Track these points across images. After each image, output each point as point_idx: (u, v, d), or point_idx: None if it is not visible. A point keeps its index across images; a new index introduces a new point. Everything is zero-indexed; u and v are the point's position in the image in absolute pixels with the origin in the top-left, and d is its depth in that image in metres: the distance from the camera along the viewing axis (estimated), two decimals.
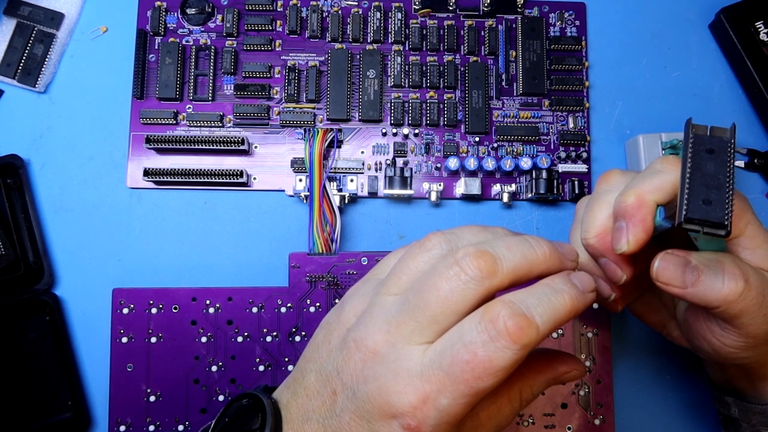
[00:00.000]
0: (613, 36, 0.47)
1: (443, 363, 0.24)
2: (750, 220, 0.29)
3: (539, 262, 0.26)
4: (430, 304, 0.24)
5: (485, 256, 0.24)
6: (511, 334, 0.23)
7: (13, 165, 0.43)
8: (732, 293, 0.27)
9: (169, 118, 0.44)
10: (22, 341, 0.41)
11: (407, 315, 0.25)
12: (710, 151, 0.26)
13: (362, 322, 0.26)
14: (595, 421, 0.41)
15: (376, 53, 0.45)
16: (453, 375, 0.23)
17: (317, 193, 0.42)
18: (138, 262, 0.44)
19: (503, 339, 0.23)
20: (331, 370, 0.26)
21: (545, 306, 0.24)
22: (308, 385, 0.27)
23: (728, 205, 0.25)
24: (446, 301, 0.24)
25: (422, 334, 0.24)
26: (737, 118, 0.47)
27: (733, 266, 0.27)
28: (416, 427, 0.24)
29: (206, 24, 0.45)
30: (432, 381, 0.24)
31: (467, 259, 0.24)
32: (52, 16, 0.45)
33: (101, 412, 0.42)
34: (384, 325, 0.25)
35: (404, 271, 0.27)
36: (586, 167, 0.45)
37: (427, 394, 0.23)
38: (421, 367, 0.24)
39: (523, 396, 0.28)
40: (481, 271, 0.24)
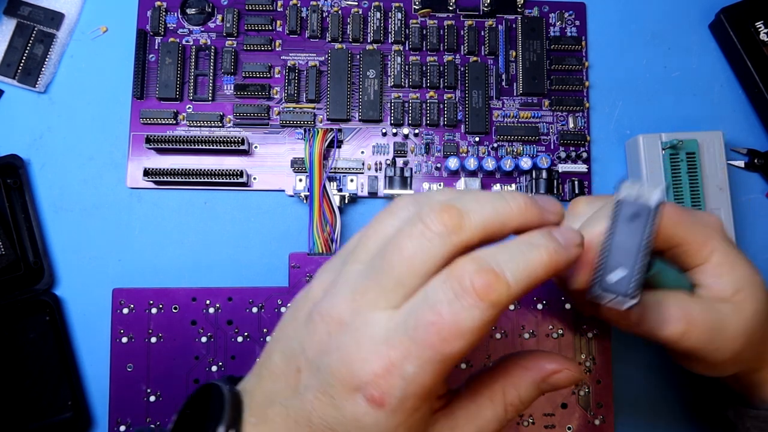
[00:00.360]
0: (613, 36, 0.47)
1: (408, 327, 0.22)
2: (716, 248, 0.29)
3: (513, 216, 0.23)
4: (395, 266, 0.23)
5: (450, 211, 0.23)
6: (478, 291, 0.21)
7: (13, 165, 0.43)
8: (673, 335, 0.28)
9: (169, 118, 0.44)
10: (22, 341, 0.41)
11: (372, 280, 0.23)
12: (634, 216, 0.26)
13: (328, 294, 0.25)
14: (595, 421, 0.41)
15: (376, 53, 0.45)
16: (418, 339, 0.22)
17: (317, 193, 0.42)
18: (138, 262, 0.44)
19: (470, 296, 0.21)
20: (296, 346, 0.25)
21: (518, 261, 0.22)
22: (273, 366, 0.26)
23: (635, 279, 0.25)
24: (411, 260, 0.23)
25: (388, 299, 0.23)
26: (737, 118, 0.47)
27: (676, 309, 0.28)
28: (380, 398, 0.22)
29: (206, 24, 0.46)
30: (397, 347, 0.22)
31: (431, 215, 0.23)
32: (52, 16, 0.45)
33: (101, 412, 0.42)
34: (349, 294, 0.24)
35: (371, 237, 0.25)
36: (586, 167, 0.45)
37: (391, 362, 0.22)
38: (385, 333, 0.22)
39: (507, 397, 0.25)
40: (446, 226, 0.23)
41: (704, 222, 0.29)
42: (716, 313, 0.29)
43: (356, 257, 0.25)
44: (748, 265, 0.29)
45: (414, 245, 0.23)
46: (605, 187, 0.46)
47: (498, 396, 0.25)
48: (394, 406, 0.22)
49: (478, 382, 0.26)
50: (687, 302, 0.29)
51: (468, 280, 0.22)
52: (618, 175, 0.46)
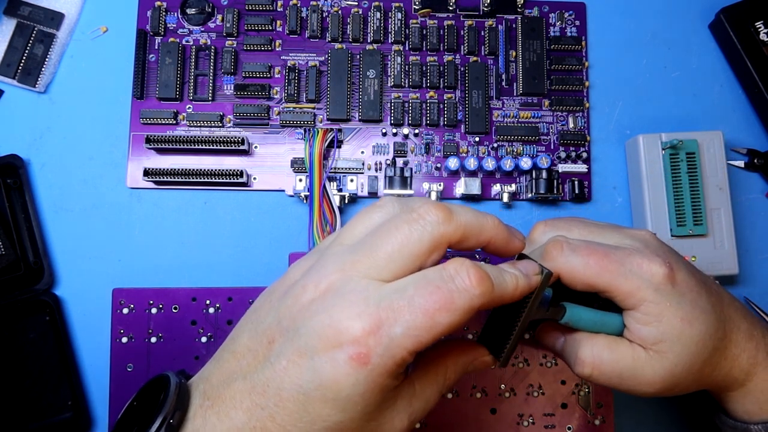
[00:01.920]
0: (613, 36, 0.47)
1: (406, 294, 0.24)
2: (644, 298, 0.30)
3: (489, 227, 0.27)
4: (388, 244, 0.25)
5: (442, 206, 0.26)
6: (472, 279, 0.24)
7: (13, 165, 0.43)
8: (581, 375, 0.31)
9: (169, 118, 0.44)
10: (22, 341, 0.41)
11: (363, 253, 0.25)
12: None
13: (312, 270, 0.26)
14: (595, 421, 0.41)
15: (376, 53, 0.45)
16: (414, 303, 0.24)
17: (317, 193, 0.42)
18: (138, 262, 0.44)
19: (464, 281, 0.24)
20: (270, 322, 0.26)
21: (498, 274, 0.26)
22: (238, 347, 0.26)
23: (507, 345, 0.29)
24: (404, 240, 0.25)
25: (379, 271, 0.25)
26: (737, 118, 0.47)
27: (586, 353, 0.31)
28: (364, 354, 0.23)
29: (206, 24, 0.45)
30: (391, 308, 0.24)
31: (425, 207, 0.26)
32: (52, 16, 0.45)
33: (101, 412, 0.42)
34: (338, 265, 0.25)
35: (358, 224, 0.27)
36: (586, 167, 0.45)
37: (382, 321, 0.23)
38: (379, 295, 0.24)
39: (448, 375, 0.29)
40: (437, 216, 0.25)
41: (636, 271, 0.30)
42: (630, 360, 0.30)
43: (342, 240, 0.27)
44: (679, 317, 0.30)
45: (409, 228, 0.25)
46: (605, 186, 0.46)
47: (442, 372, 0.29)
48: (375, 365, 0.23)
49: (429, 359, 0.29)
50: (599, 349, 0.31)
51: (465, 270, 0.25)
52: (618, 175, 0.46)
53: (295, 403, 0.24)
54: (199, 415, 0.25)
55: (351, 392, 0.23)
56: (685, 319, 0.30)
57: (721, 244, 0.43)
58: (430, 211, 0.26)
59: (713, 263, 0.43)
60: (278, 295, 0.27)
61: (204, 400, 0.25)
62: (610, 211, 0.46)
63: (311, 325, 0.24)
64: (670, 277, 0.30)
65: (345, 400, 0.23)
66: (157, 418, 0.24)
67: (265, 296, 0.28)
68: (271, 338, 0.25)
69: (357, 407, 0.24)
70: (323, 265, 0.26)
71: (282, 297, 0.26)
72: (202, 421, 0.25)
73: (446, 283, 0.24)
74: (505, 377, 0.41)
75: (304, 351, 0.24)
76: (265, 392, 0.24)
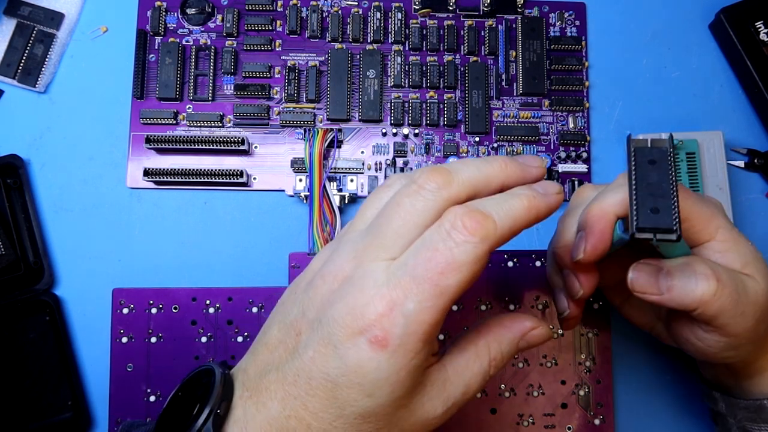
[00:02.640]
0: (613, 36, 0.47)
1: (408, 267, 0.24)
2: (721, 225, 0.30)
3: (496, 172, 0.26)
4: (393, 221, 0.25)
5: (439, 169, 0.26)
6: (468, 228, 0.24)
7: (13, 165, 0.43)
8: (707, 293, 0.28)
9: (169, 118, 0.44)
10: (22, 341, 0.41)
11: (373, 237, 0.25)
12: (652, 162, 0.27)
13: (329, 260, 0.27)
14: (595, 421, 0.41)
15: (376, 53, 0.45)
16: (417, 275, 0.23)
17: (317, 193, 0.42)
18: (138, 262, 0.44)
19: (461, 233, 0.24)
20: (295, 314, 0.26)
21: (501, 205, 0.25)
22: (269, 339, 0.27)
23: (675, 210, 0.26)
24: (407, 215, 0.25)
25: (387, 251, 0.25)
26: (737, 118, 0.47)
27: (705, 267, 0.28)
28: (383, 338, 0.23)
29: (206, 24, 0.46)
30: (398, 286, 0.24)
31: (424, 176, 0.25)
32: (52, 16, 0.45)
33: (101, 412, 0.42)
34: (351, 252, 0.26)
35: (368, 207, 0.28)
36: (586, 167, 0.45)
37: (393, 300, 0.23)
38: (387, 276, 0.24)
39: (492, 352, 0.27)
40: (436, 182, 0.25)
41: (708, 201, 0.30)
42: (737, 277, 0.29)
43: (355, 227, 0.27)
44: (750, 243, 0.31)
45: (410, 201, 0.25)
46: None
47: (483, 351, 0.27)
48: (396, 346, 0.23)
49: (464, 340, 0.28)
50: (712, 263, 0.29)
51: (459, 220, 0.24)
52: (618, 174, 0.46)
53: (324, 390, 0.24)
54: (239, 406, 0.26)
55: (376, 376, 0.24)
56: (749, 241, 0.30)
57: None
58: (429, 178, 0.25)
59: None
60: (302, 287, 0.28)
61: (243, 391, 0.26)
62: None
63: (331, 315, 0.24)
64: None
65: (371, 385, 0.24)
66: (205, 409, 0.25)
67: (291, 289, 0.29)
68: (298, 330, 0.26)
69: (384, 391, 0.24)
70: (339, 255, 0.26)
71: (305, 289, 0.27)
72: (242, 411, 0.25)
73: (444, 242, 0.24)
74: (505, 377, 0.41)
75: (327, 340, 0.24)
76: (296, 382, 0.25)
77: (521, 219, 0.25)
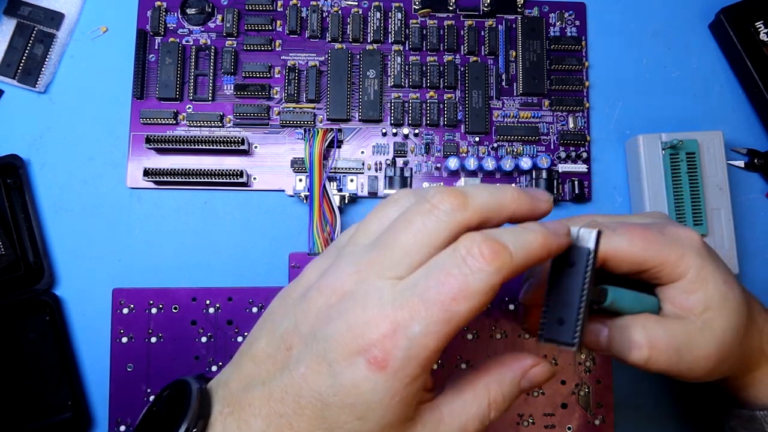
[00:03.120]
0: (613, 36, 0.47)
1: (417, 288, 0.23)
2: (691, 264, 0.29)
3: (508, 201, 0.26)
4: (403, 239, 0.24)
5: (455, 192, 0.25)
6: (485, 256, 0.23)
7: (13, 165, 0.43)
8: (638, 361, 0.29)
9: (169, 118, 0.44)
10: (22, 341, 0.41)
11: (379, 252, 0.24)
12: (571, 264, 0.26)
13: (328, 272, 0.25)
14: (595, 421, 0.41)
15: (376, 53, 0.45)
16: (427, 298, 0.23)
17: (317, 193, 0.42)
18: (138, 262, 0.44)
19: (477, 260, 0.23)
20: (287, 326, 0.25)
21: (517, 238, 0.24)
22: (256, 351, 0.26)
23: (578, 324, 0.25)
24: (419, 234, 0.24)
25: (394, 269, 0.24)
26: (737, 118, 0.47)
27: (639, 335, 0.29)
28: (383, 359, 0.22)
29: (206, 24, 0.45)
30: (405, 307, 0.23)
31: (438, 196, 0.25)
32: (52, 16, 0.45)
33: (101, 412, 0.42)
34: (353, 266, 0.25)
35: (373, 221, 0.26)
36: (586, 167, 0.45)
37: (398, 322, 0.22)
38: (393, 295, 0.23)
39: (492, 394, 0.26)
40: (452, 204, 0.24)
41: (676, 238, 0.30)
42: (683, 333, 0.29)
43: (357, 240, 0.26)
44: (721, 280, 0.29)
45: (423, 220, 0.24)
46: (605, 186, 0.46)
47: (482, 392, 0.26)
48: (396, 369, 0.23)
49: (461, 380, 0.27)
50: (651, 327, 0.29)
51: (476, 247, 0.23)
52: (618, 175, 0.46)
53: (313, 410, 0.23)
54: (219, 422, 0.25)
55: (370, 398, 0.23)
56: (727, 281, 0.29)
57: (721, 244, 0.43)
58: (444, 199, 0.24)
59: None
60: (295, 297, 0.26)
61: (224, 407, 0.25)
62: (610, 211, 0.46)
63: (329, 331, 0.23)
64: (704, 242, 0.30)
65: (364, 407, 0.23)
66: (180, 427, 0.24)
67: (280, 298, 0.27)
68: (289, 344, 0.25)
69: (376, 414, 0.23)
70: (339, 267, 0.25)
71: (299, 300, 0.26)
72: (222, 428, 0.24)
73: (459, 267, 0.23)
74: None
75: (322, 358, 0.23)
76: (283, 399, 0.24)
77: (535, 254, 0.24)
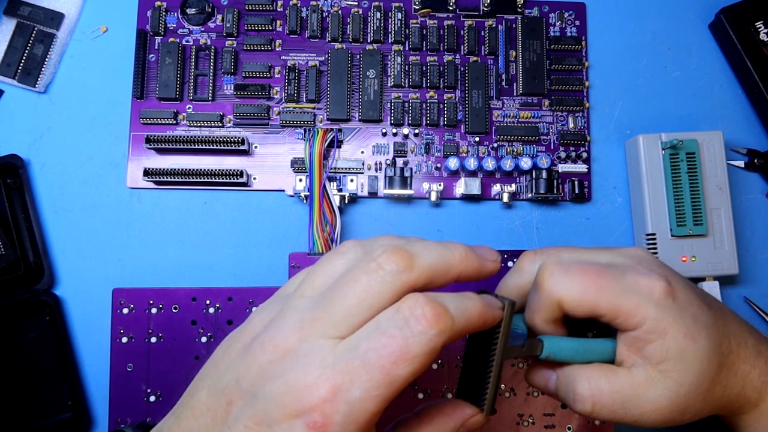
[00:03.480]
0: (613, 36, 0.47)
1: (359, 351, 0.23)
2: (646, 316, 0.28)
3: (456, 262, 0.26)
4: (347, 298, 0.24)
5: (402, 252, 0.24)
6: (428, 318, 0.23)
7: (13, 165, 0.43)
8: (582, 412, 0.29)
9: (169, 118, 0.44)
10: (22, 341, 0.41)
11: (322, 310, 0.24)
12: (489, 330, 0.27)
13: (272, 325, 0.25)
14: (594, 421, 0.41)
15: (376, 53, 0.45)
16: (368, 361, 0.22)
17: (317, 193, 0.42)
18: (138, 262, 0.44)
19: (420, 323, 0.23)
20: (228, 380, 0.24)
21: (458, 304, 0.24)
22: (197, 404, 0.25)
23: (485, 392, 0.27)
24: (363, 294, 0.24)
25: (336, 328, 0.23)
26: (737, 118, 0.47)
27: (583, 389, 0.29)
28: (322, 424, 0.22)
29: (206, 24, 0.45)
30: (346, 370, 0.22)
31: (385, 255, 0.24)
32: (52, 16, 0.45)
33: (101, 412, 0.42)
34: (297, 322, 0.24)
35: (319, 274, 0.26)
36: (586, 167, 0.45)
37: (339, 385, 0.22)
38: (334, 357, 0.23)
39: None
40: (398, 265, 0.24)
41: (633, 287, 0.29)
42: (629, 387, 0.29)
43: (302, 292, 0.25)
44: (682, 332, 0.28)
45: (368, 280, 0.24)
46: (605, 186, 0.46)
47: None
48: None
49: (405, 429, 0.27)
50: (596, 380, 0.29)
51: (420, 309, 0.23)
52: (618, 175, 0.46)
53: None
54: None
55: None
56: (688, 334, 0.28)
57: (721, 244, 0.43)
58: (390, 259, 0.24)
59: (713, 263, 0.43)
60: (239, 349, 0.26)
61: None
62: (610, 211, 0.46)
63: (268, 391, 0.23)
64: (669, 292, 0.29)
65: None
66: None
67: (225, 347, 0.27)
68: (229, 399, 0.24)
69: None
70: (283, 322, 0.24)
71: (242, 354, 0.25)
72: None
73: (400, 330, 0.23)
74: (505, 377, 0.41)
75: (261, 418, 0.23)
76: None
77: (473, 323, 0.25)
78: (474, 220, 0.45)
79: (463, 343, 0.30)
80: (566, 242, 0.45)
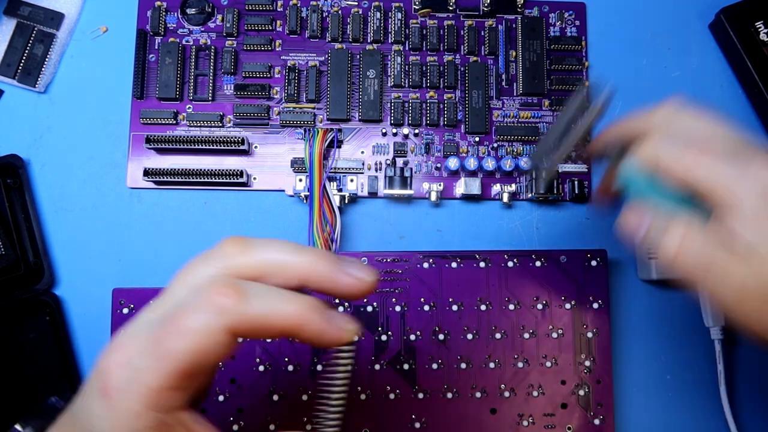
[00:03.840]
0: (613, 36, 0.47)
1: (153, 323, 0.23)
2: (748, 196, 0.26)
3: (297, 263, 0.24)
4: (175, 279, 0.25)
5: (239, 240, 0.25)
6: (213, 297, 0.22)
7: (13, 165, 0.43)
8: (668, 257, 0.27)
9: (169, 118, 0.44)
10: (22, 341, 0.41)
11: (161, 294, 0.25)
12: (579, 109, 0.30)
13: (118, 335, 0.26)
14: (595, 421, 0.41)
15: (376, 53, 0.45)
16: (151, 334, 0.22)
17: (317, 193, 0.42)
18: (138, 262, 0.44)
19: (204, 300, 0.22)
20: None
21: (270, 298, 0.23)
22: None
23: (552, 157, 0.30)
24: (190, 275, 0.24)
25: (160, 307, 0.24)
26: (737, 118, 0.47)
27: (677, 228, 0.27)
28: (105, 387, 0.22)
29: (206, 24, 0.46)
30: (137, 340, 0.22)
31: (223, 242, 0.25)
32: (52, 16, 0.45)
33: None
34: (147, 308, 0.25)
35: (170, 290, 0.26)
36: (586, 167, 0.45)
37: (130, 353, 0.22)
38: (135, 328, 0.23)
39: None
40: (227, 252, 0.24)
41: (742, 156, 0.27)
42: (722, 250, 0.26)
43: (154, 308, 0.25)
44: None
45: (199, 262, 0.25)
46: None
47: None
48: (116, 399, 0.22)
49: None
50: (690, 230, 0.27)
51: (210, 286, 0.22)
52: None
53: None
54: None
55: (98, 425, 0.22)
56: None
57: None
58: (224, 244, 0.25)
59: None
60: None
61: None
62: (611, 211, 0.46)
63: None
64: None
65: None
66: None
67: None
68: None
69: None
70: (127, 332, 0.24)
71: None
72: None
73: (182, 306, 0.23)
74: (505, 377, 0.41)
75: (83, 390, 0.24)
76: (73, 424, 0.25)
77: (278, 322, 0.23)
78: (474, 220, 0.45)
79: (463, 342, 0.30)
80: (566, 242, 0.45)
